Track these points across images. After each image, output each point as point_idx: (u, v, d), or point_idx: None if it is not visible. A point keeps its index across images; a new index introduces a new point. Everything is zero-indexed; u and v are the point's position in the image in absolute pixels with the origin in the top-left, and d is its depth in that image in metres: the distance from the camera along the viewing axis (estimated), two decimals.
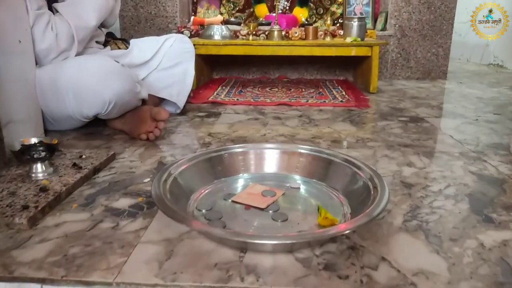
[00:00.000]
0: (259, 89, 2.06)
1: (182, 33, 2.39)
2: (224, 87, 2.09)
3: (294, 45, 1.99)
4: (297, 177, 0.87)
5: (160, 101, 1.45)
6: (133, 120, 1.16)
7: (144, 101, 1.28)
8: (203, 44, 1.99)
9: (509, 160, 1.02)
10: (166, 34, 2.46)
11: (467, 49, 3.61)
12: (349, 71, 2.45)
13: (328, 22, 2.21)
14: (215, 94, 1.90)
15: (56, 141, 0.93)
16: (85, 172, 0.86)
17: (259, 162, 0.90)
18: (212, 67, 2.48)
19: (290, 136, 1.23)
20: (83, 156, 0.94)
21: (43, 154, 0.83)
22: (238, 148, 0.91)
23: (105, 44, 1.47)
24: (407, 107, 1.66)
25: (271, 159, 0.91)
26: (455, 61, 3.36)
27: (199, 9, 2.69)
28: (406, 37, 2.39)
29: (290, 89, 2.05)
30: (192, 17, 2.53)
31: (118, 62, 1.10)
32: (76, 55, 1.18)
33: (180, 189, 0.74)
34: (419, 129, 1.32)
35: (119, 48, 1.48)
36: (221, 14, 2.67)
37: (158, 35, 2.49)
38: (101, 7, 1.21)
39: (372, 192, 0.70)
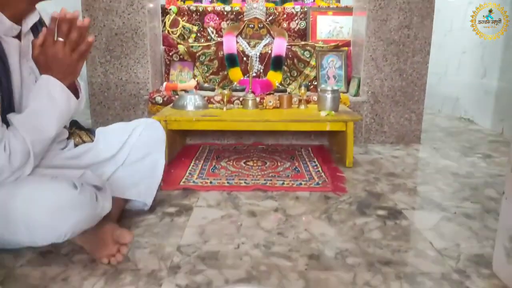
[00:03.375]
0: (234, 163, 2.00)
1: (154, 99, 2.34)
2: (197, 161, 2.02)
3: (269, 120, 1.95)
4: None
5: (126, 202, 1.36)
6: (93, 240, 1.07)
7: None
8: (175, 120, 1.93)
9: (493, 285, 0.98)
10: (137, 99, 2.43)
11: (438, 100, 3.69)
12: (325, 136, 2.43)
13: (302, 90, 2.20)
14: (187, 174, 1.82)
15: None
16: None
17: None
18: (185, 133, 2.41)
19: (266, 248, 1.16)
20: None
21: None
22: None
23: (68, 136, 1.38)
24: (384, 191, 1.63)
25: None
26: (427, 113, 3.39)
27: (172, 71, 2.64)
28: (379, 103, 2.40)
29: (266, 162, 2.01)
30: (165, 83, 2.48)
31: (76, 186, 1.00)
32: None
33: None
34: (398, 231, 1.28)
35: (83, 141, 1.39)
36: (195, 76, 2.63)
37: (128, 101, 2.43)
38: (63, 116, 1.11)
39: None
